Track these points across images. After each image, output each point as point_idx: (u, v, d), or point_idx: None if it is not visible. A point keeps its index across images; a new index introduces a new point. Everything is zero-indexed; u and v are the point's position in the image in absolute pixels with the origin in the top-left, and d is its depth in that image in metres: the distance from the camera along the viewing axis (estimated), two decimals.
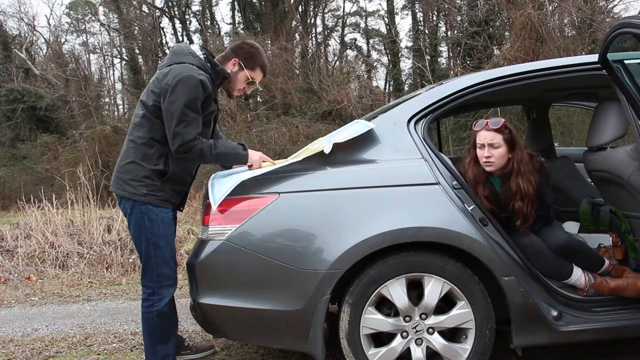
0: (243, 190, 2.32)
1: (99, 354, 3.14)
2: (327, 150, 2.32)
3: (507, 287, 2.21)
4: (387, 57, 24.80)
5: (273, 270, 2.26)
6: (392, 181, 2.29)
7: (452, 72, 17.89)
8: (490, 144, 2.47)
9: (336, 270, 2.18)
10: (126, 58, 23.64)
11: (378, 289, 2.22)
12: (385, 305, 2.28)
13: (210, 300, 2.35)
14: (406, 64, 23.94)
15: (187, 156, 2.42)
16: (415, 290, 2.26)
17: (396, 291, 2.22)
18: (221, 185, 2.37)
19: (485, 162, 2.49)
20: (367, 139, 2.40)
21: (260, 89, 19.64)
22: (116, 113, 23.72)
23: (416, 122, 2.41)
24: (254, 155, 2.51)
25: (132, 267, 5.62)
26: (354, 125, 2.54)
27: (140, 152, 2.48)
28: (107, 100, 23.95)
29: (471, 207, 2.24)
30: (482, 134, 2.49)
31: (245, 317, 2.32)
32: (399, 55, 23.18)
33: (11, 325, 3.87)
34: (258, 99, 19.22)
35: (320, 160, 2.36)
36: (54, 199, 8.63)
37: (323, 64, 21.91)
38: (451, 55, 21.13)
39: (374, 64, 25.08)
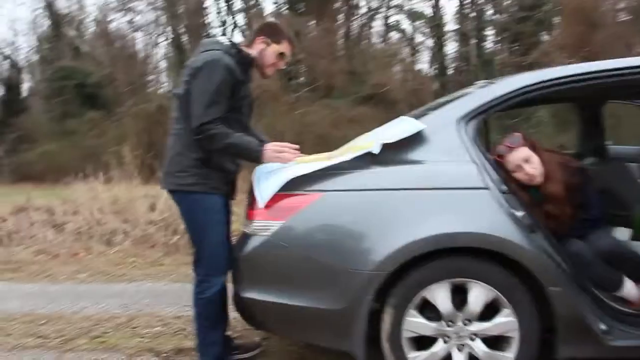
0: (288, 186, 2.32)
1: (143, 337, 3.23)
2: (375, 151, 2.30)
3: (554, 297, 2.16)
4: (432, 40, 24.30)
5: (316, 268, 2.27)
6: (440, 184, 2.25)
7: (498, 57, 17.43)
8: (525, 160, 2.43)
9: (380, 272, 2.18)
10: (171, 37, 23.86)
11: (422, 293, 2.21)
12: (428, 309, 2.26)
13: (252, 294, 2.39)
14: (451, 48, 23.46)
15: (200, 139, 2.46)
16: (460, 296, 2.23)
17: (440, 295, 2.20)
18: (268, 181, 2.37)
19: (530, 178, 2.44)
20: (415, 139, 2.36)
21: (304, 69, 19.73)
22: (161, 91, 23.98)
23: (467, 123, 2.35)
24: (271, 154, 2.48)
25: (174, 248, 5.72)
26: (402, 124, 2.49)
27: (182, 143, 2.55)
28: (151, 77, 24.23)
29: (520, 214, 2.19)
30: (511, 158, 2.45)
31: (286, 314, 2.34)
32: (444, 39, 22.68)
33: (61, 302, 4.02)
34: (301, 79, 19.13)
35: (366, 159, 2.33)
36: (100, 175, 8.88)
37: (366, 46, 21.66)
38: (498, 40, 20.61)
39: (418, 47, 24.65)
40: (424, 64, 24.89)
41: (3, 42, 26.06)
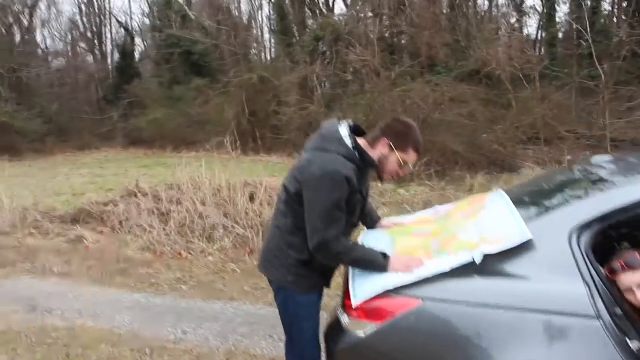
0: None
1: None
2: (478, 260, 2.14)
3: None
4: (542, 6, 22.50)
5: None
6: (545, 306, 2.05)
7: (616, 28, 15.95)
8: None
9: None
10: (274, 1, 23.91)
11: None
12: None
13: None
14: (562, 15, 21.67)
15: (322, 254, 2.37)
16: None
17: None
18: (365, 280, 2.30)
19: None
20: (520, 246, 2.16)
21: (404, 41, 19.17)
22: (263, 60, 24.32)
23: (580, 234, 2.11)
24: (396, 264, 2.32)
25: None
26: (508, 226, 2.28)
27: (285, 240, 2.49)
28: (255, 46, 24.60)
29: (636, 346, 1.96)
30: (625, 280, 2.15)
31: None
32: (555, 5, 20.93)
33: (164, 321, 4.26)
34: (403, 53, 18.64)
35: (467, 264, 2.17)
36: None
37: (472, 15, 20.59)
38: (617, 8, 18.86)
39: (528, 13, 23.04)
40: (531, 30, 23.46)
41: (118, 10, 27.36)
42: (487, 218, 2.47)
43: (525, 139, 13.57)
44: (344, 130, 2.46)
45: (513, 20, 21.65)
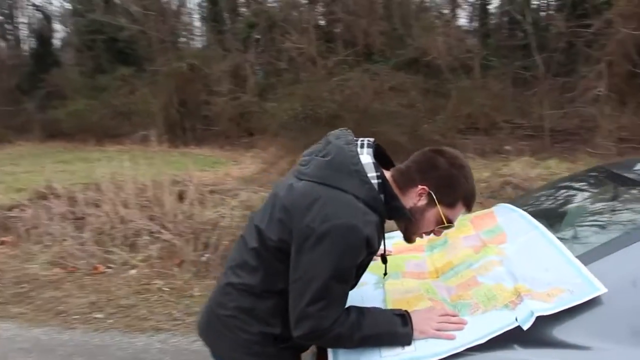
0: None
1: None
2: (526, 325, 1.44)
3: None
4: None
5: None
6: None
7: (544, 20, 16.00)
8: None
9: None
10: None
11: None
12: None
13: None
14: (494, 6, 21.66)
15: (313, 341, 1.67)
16: None
17: None
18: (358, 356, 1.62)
19: None
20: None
21: (340, 29, 18.65)
22: (193, 48, 23.19)
23: None
24: (422, 325, 1.59)
25: (204, 269, 5.11)
26: (561, 273, 1.59)
27: (246, 305, 1.71)
28: (184, 33, 23.40)
29: None
30: None
31: None
32: None
33: None
34: (338, 41, 18.11)
35: (508, 330, 1.47)
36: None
37: (406, 4, 20.28)
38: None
39: (460, 5, 22.97)
40: (464, 23, 23.45)
41: None
42: (517, 254, 1.79)
43: (464, 129, 13.43)
44: (366, 158, 1.65)
45: (446, 11, 21.55)
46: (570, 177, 2.87)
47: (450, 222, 1.69)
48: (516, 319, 1.46)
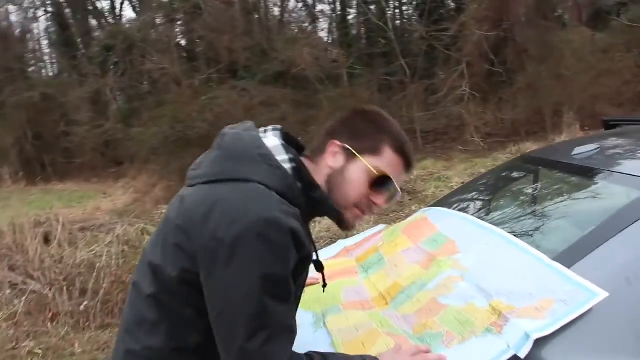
0: None
1: None
2: (522, 353, 1.14)
3: None
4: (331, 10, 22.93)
5: None
6: None
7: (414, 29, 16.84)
8: None
9: None
10: (51, 10, 21.30)
11: None
12: None
13: None
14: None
15: None
16: None
17: None
18: None
19: None
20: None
21: (203, 47, 18.21)
22: (45, 76, 21.58)
23: None
24: None
25: (84, 319, 4.55)
26: (546, 282, 1.31)
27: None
28: (33, 61, 21.70)
29: None
30: None
31: None
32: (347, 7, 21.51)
33: None
34: (203, 59, 17.74)
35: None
36: None
37: (265, 19, 20.33)
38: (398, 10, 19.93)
39: (319, 17, 23.46)
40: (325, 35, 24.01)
41: None
42: (480, 264, 1.50)
43: None
44: (272, 141, 1.31)
45: (307, 24, 21.89)
46: (496, 171, 2.63)
47: (387, 177, 1.30)
48: (508, 346, 1.17)
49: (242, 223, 1.13)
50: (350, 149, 1.30)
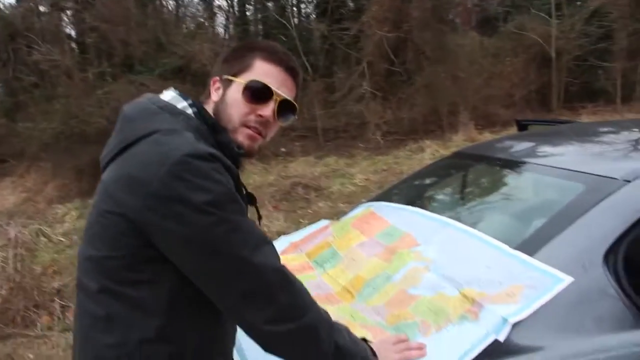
0: None
1: None
2: (500, 336, 1.22)
3: None
4: (229, 5, 22.64)
5: None
6: None
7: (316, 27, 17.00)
8: None
9: None
10: None
11: None
12: None
13: None
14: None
15: (277, 345, 1.20)
16: None
17: None
18: None
19: None
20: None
21: (96, 39, 17.31)
22: None
23: (615, 259, 1.37)
24: (386, 357, 1.27)
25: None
26: (510, 269, 1.38)
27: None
28: None
29: None
30: None
31: None
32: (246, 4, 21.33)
33: None
34: (97, 52, 16.86)
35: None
36: None
37: (160, 12, 19.68)
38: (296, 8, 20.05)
39: (216, 13, 23.05)
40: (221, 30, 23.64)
41: None
42: (443, 255, 1.56)
43: None
44: (168, 94, 1.37)
45: (203, 20, 21.41)
46: (433, 166, 2.72)
47: (263, 86, 1.31)
48: (488, 332, 1.23)
49: (166, 166, 1.11)
50: (225, 76, 1.37)
